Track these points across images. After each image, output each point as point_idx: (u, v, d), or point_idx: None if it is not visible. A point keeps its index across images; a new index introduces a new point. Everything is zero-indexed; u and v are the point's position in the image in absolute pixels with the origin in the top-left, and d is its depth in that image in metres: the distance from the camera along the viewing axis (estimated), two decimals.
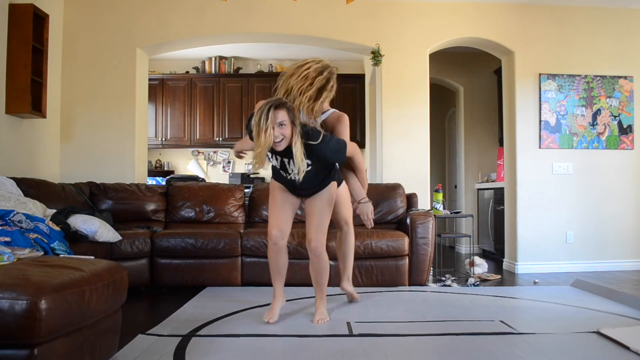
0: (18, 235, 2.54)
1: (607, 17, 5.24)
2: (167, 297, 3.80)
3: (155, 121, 7.15)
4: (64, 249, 2.86)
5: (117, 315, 2.20)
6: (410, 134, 5.10)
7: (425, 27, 5.15)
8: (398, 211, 4.59)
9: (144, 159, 5.18)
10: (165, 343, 2.44)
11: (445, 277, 4.55)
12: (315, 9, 4.99)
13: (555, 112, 5.17)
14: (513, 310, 3.27)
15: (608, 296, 3.62)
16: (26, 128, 4.25)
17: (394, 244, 4.03)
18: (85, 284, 1.83)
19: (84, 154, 4.84)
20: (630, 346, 2.33)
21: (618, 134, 5.22)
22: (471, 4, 5.14)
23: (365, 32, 5.09)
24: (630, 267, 5.17)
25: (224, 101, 7.21)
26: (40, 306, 1.57)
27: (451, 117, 7.70)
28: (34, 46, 4.01)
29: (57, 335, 1.68)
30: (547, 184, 5.16)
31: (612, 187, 5.21)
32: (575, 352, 2.34)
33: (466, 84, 6.87)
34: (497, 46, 5.29)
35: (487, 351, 2.36)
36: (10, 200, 3.15)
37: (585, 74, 5.21)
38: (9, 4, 3.94)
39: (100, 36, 4.89)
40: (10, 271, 1.77)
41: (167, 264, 3.98)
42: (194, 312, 3.11)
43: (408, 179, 4.95)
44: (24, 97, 3.95)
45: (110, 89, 4.89)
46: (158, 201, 4.59)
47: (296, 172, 2.67)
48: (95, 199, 4.42)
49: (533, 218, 5.14)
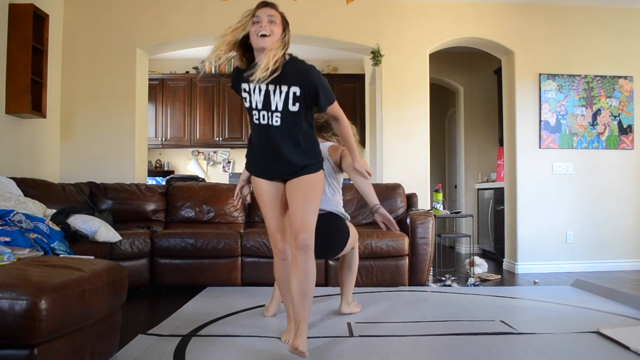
0: (18, 235, 2.54)
1: (607, 17, 5.24)
2: (167, 297, 3.80)
3: (155, 121, 7.15)
4: (64, 249, 2.86)
5: (117, 315, 2.20)
6: (410, 134, 5.10)
7: (425, 27, 5.15)
8: (398, 211, 4.59)
9: (144, 159, 5.18)
10: (165, 343, 2.44)
11: (445, 277, 4.55)
12: (315, 9, 4.99)
13: (555, 112, 5.17)
14: (513, 310, 3.27)
15: (608, 296, 3.62)
16: (26, 128, 4.25)
17: (394, 244, 4.03)
18: (85, 284, 1.83)
19: (84, 154, 4.84)
20: (630, 346, 2.33)
21: (618, 134, 5.22)
22: (471, 4, 5.14)
23: (365, 32, 5.09)
24: (630, 267, 5.17)
25: (224, 101, 7.21)
26: (40, 306, 1.57)
27: (451, 117, 7.70)
28: (34, 46, 4.01)
29: (57, 335, 1.68)
30: (547, 184, 5.16)
31: (612, 187, 5.21)
32: (575, 352, 2.34)
33: (466, 84, 6.87)
34: (497, 46, 5.29)
35: (487, 351, 2.36)
36: (10, 200, 3.15)
37: (585, 74, 5.21)
38: (9, 4, 3.94)
39: (100, 36, 4.89)
40: (10, 271, 1.77)
41: (167, 264, 3.98)
42: (194, 312, 3.11)
43: (408, 179, 4.96)
44: (24, 97, 3.95)
45: (110, 89, 4.89)
46: (158, 201, 4.59)
47: (279, 99, 2.17)
48: (95, 199, 4.42)
49: (533, 218, 5.14)
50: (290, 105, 2.19)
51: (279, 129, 2.22)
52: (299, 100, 2.19)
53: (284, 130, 2.22)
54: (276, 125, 2.21)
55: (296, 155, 2.26)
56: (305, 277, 2.23)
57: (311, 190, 2.29)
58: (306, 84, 2.18)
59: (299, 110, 2.21)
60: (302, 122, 2.25)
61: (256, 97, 2.20)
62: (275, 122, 2.21)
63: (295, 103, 2.19)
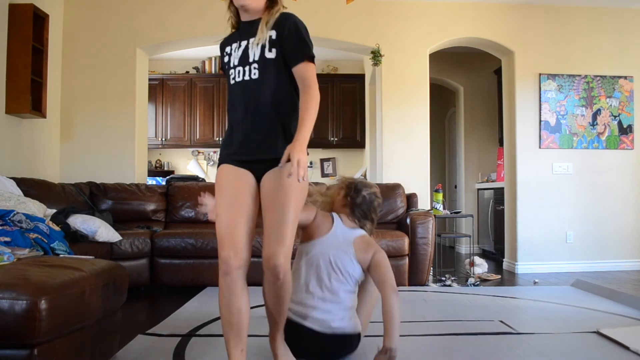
0: (18, 235, 2.54)
1: (607, 17, 5.24)
2: (167, 297, 3.80)
3: (155, 121, 7.15)
4: (64, 249, 2.86)
5: (117, 315, 2.20)
6: (410, 134, 5.10)
7: (425, 27, 5.15)
8: (398, 211, 4.60)
9: (144, 159, 5.18)
10: (165, 343, 2.44)
11: (445, 277, 4.55)
12: (315, 9, 4.99)
13: (555, 112, 5.17)
14: (513, 310, 3.27)
15: (608, 296, 3.62)
16: (26, 128, 4.25)
17: (394, 244, 4.03)
18: (85, 284, 1.83)
19: (84, 154, 4.85)
20: (630, 346, 2.34)
21: (618, 134, 5.22)
22: (471, 4, 5.14)
23: (365, 32, 5.09)
24: (630, 267, 5.17)
25: (224, 101, 7.21)
26: (40, 306, 1.57)
27: (451, 117, 7.70)
28: (34, 46, 4.01)
29: (57, 335, 1.68)
30: (547, 184, 5.16)
31: (612, 187, 5.21)
32: (575, 352, 2.34)
33: (466, 84, 6.87)
34: (497, 46, 5.29)
35: (487, 351, 2.36)
36: (10, 200, 3.15)
37: (585, 74, 5.21)
38: (9, 4, 3.94)
39: (100, 36, 4.89)
40: (10, 271, 1.77)
41: (167, 264, 3.98)
42: (194, 312, 3.11)
43: (408, 179, 4.96)
44: (24, 97, 3.95)
45: (110, 89, 4.89)
46: (158, 201, 4.59)
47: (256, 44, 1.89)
48: (95, 199, 4.42)
49: (533, 218, 5.14)
50: (267, 51, 1.89)
51: (257, 83, 1.90)
52: (275, 45, 1.89)
53: (263, 84, 1.89)
54: (254, 78, 1.90)
55: (277, 123, 1.89)
56: (281, 302, 1.96)
57: (291, 196, 1.84)
58: (281, 27, 1.89)
59: (276, 58, 1.89)
60: (283, 77, 1.90)
61: (235, 54, 1.96)
62: (254, 74, 1.90)
63: (271, 49, 1.89)
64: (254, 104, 1.90)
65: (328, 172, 7.44)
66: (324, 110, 6.91)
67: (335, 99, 7.13)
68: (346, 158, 7.49)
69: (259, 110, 1.89)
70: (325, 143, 7.14)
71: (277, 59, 1.89)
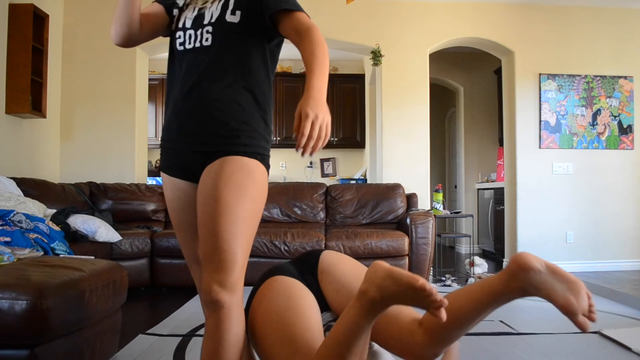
0: (18, 235, 2.54)
1: (607, 17, 5.24)
2: (167, 297, 3.80)
3: (155, 121, 7.14)
4: (64, 249, 2.86)
5: (117, 315, 2.20)
6: (410, 134, 5.10)
7: (425, 27, 5.15)
8: (398, 211, 4.59)
9: (144, 158, 5.18)
10: (165, 343, 2.44)
11: (445, 277, 4.55)
12: (316, 9, 4.97)
13: (555, 112, 5.17)
14: (513, 310, 3.27)
15: (608, 296, 3.62)
16: (26, 128, 4.25)
17: (394, 244, 4.03)
18: (85, 284, 1.83)
19: (84, 154, 4.84)
20: (632, 347, 2.33)
21: (618, 134, 5.22)
22: (471, 4, 5.14)
23: (365, 32, 5.09)
24: (630, 267, 5.17)
25: None
26: (40, 306, 1.57)
27: (451, 117, 7.70)
28: (34, 46, 4.01)
29: (57, 335, 1.68)
30: (547, 184, 5.16)
31: (612, 187, 5.21)
32: (575, 352, 2.34)
33: (466, 84, 6.87)
34: (497, 46, 5.29)
35: (487, 351, 2.36)
36: (10, 200, 3.15)
37: (585, 74, 5.21)
38: (9, 4, 3.94)
39: (100, 36, 4.89)
40: (10, 271, 1.77)
41: (167, 264, 3.98)
42: (194, 312, 3.11)
43: (408, 179, 4.96)
44: (24, 97, 3.95)
45: (110, 89, 4.89)
46: (158, 201, 4.59)
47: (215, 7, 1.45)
48: (95, 199, 4.42)
49: (533, 218, 5.14)
50: (229, 13, 1.42)
51: (207, 52, 1.42)
52: (241, 5, 1.43)
53: (215, 55, 1.42)
54: (206, 45, 1.43)
55: (225, 99, 1.40)
56: (221, 348, 1.29)
57: (241, 186, 1.34)
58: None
59: (240, 22, 1.42)
60: (250, 51, 1.43)
61: (187, 14, 1.51)
62: (205, 40, 1.43)
63: (235, 11, 1.42)
64: (196, 81, 1.43)
65: (328, 172, 7.44)
66: None
67: (335, 99, 7.13)
68: (346, 158, 7.50)
69: (200, 90, 1.42)
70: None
71: (242, 23, 1.42)
